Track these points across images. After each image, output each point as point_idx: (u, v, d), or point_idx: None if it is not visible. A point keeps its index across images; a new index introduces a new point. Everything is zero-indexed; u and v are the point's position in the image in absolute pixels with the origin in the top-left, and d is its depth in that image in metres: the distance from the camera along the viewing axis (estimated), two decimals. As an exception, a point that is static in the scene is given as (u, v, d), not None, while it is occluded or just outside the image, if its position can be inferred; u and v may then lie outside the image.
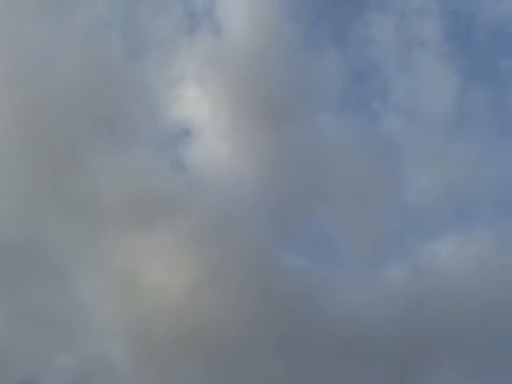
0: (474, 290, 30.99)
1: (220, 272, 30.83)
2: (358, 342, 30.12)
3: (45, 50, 31.56)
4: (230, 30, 33.34)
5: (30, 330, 28.90)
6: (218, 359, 29.68)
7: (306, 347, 30.18)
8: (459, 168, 33.19)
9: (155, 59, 32.67)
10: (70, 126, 30.66)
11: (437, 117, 33.65)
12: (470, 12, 34.95)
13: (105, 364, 29.08)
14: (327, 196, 33.07)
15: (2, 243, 29.29)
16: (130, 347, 29.34)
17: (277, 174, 32.46)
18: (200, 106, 32.69)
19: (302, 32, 33.56)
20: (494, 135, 33.92)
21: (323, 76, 33.32)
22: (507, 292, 30.47)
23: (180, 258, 30.69)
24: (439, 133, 33.63)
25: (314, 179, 32.92)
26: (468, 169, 33.12)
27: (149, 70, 32.48)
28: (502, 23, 34.95)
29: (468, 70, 33.99)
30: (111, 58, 31.88)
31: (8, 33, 31.28)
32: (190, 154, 32.41)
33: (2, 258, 29.33)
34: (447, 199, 32.88)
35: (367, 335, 30.12)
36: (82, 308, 29.71)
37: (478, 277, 31.23)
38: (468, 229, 32.48)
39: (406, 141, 33.62)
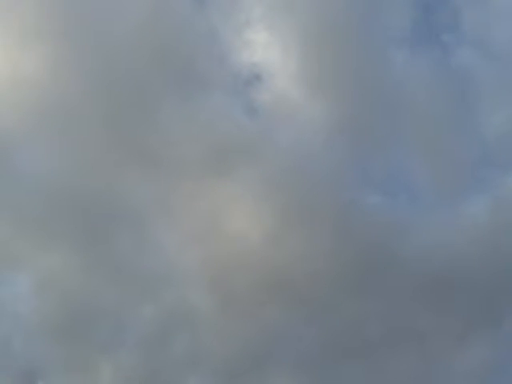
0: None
1: (298, 215, 30.92)
2: (438, 283, 30.00)
3: (111, 2, 31.63)
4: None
5: (113, 281, 29.57)
6: (300, 304, 29.98)
7: (384, 289, 30.22)
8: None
9: (220, 5, 32.40)
10: (140, 78, 30.70)
11: (510, 49, 32.79)
12: None
13: (189, 313, 29.73)
14: (402, 133, 32.70)
15: (82, 197, 29.85)
16: (212, 295, 29.79)
17: (350, 113, 32.06)
18: (269, 50, 32.41)
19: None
20: None
21: (392, 10, 32.66)
22: None
23: (257, 203, 30.84)
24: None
25: (388, 116, 32.52)
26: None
27: (215, 17, 32.20)
28: None
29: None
30: (176, 6, 31.72)
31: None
32: (262, 98, 32.20)
33: (83, 212, 29.94)
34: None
35: (447, 275, 29.98)
36: (163, 258, 30.32)
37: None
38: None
39: (479, 73, 32.83)
